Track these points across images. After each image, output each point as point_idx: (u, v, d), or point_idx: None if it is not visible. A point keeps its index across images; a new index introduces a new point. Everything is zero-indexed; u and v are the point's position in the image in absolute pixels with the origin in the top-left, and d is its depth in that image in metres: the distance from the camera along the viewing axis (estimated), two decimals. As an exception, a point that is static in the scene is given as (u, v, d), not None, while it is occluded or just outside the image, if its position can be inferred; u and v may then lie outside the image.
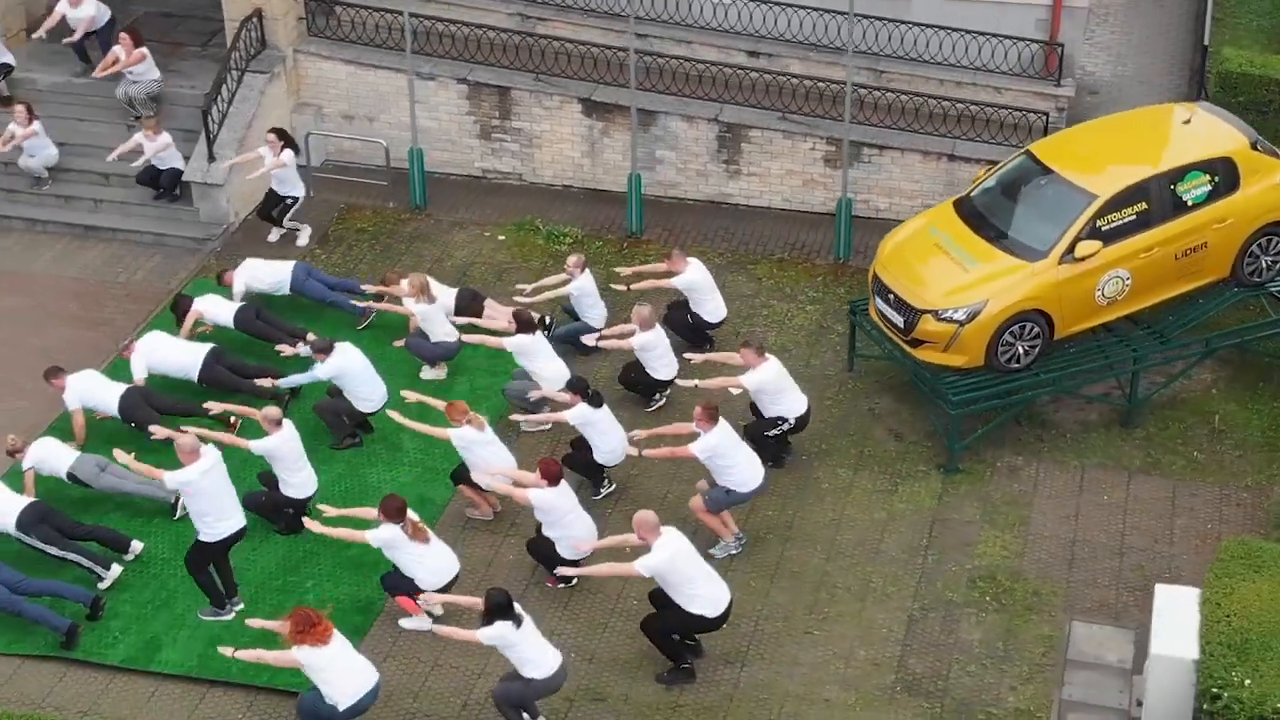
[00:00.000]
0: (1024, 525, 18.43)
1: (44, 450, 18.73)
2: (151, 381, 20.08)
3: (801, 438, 19.29)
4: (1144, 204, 19.12)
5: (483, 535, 18.45)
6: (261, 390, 19.88)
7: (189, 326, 20.88)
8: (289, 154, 23.02)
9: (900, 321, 19.43)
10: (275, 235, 23.54)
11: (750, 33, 24.21)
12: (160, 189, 23.89)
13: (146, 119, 23.83)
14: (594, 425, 18.48)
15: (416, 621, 17.10)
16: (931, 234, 19.87)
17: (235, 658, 15.56)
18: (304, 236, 23.57)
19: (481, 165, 24.98)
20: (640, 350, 19.83)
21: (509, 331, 19.79)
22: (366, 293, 21.55)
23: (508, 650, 15.49)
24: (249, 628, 16.06)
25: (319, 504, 17.94)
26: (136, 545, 18.17)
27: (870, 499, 18.85)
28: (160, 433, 18.32)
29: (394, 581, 17.06)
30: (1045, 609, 17.35)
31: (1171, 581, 16.59)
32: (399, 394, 19.33)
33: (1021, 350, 19.14)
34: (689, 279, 20.69)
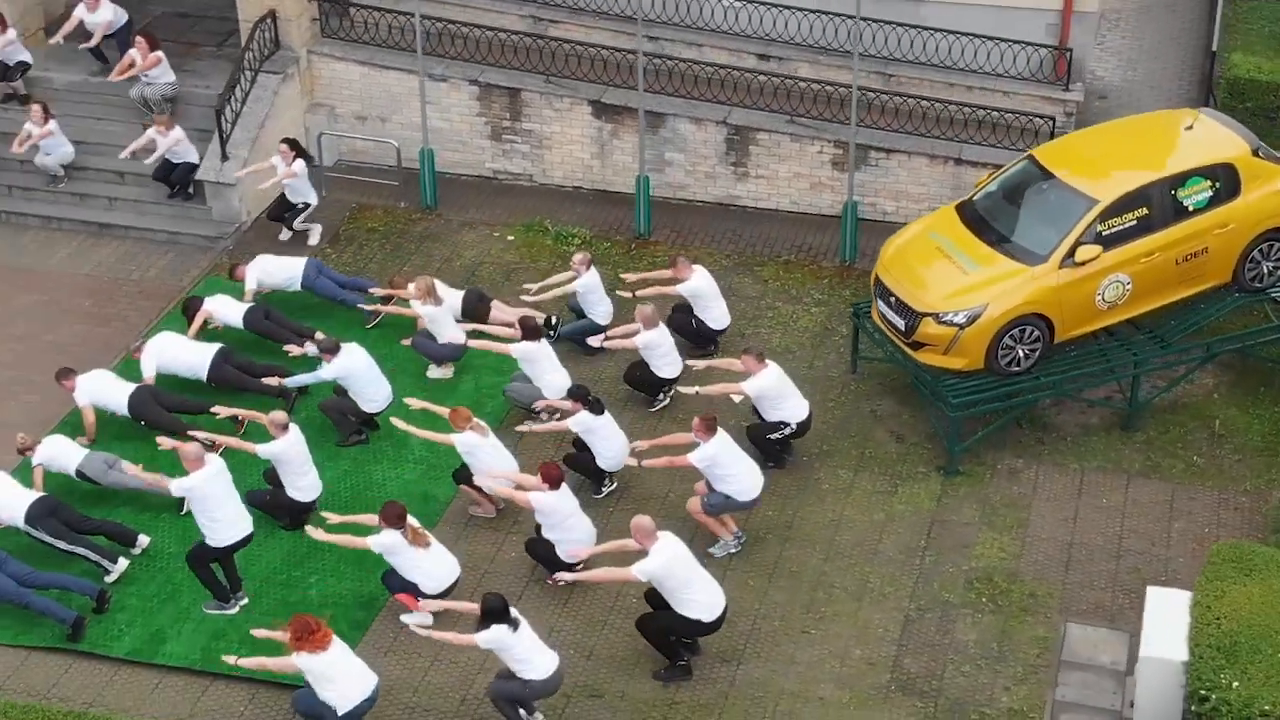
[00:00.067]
0: (1022, 527, 18.51)
1: (53, 448, 18.92)
2: (161, 381, 20.25)
3: (803, 439, 19.42)
4: (1145, 209, 19.17)
5: (485, 533, 18.61)
6: (269, 389, 20.07)
7: (198, 326, 21.08)
8: (300, 164, 23.20)
9: (901, 324, 19.52)
10: (286, 234, 23.70)
11: (760, 36, 24.31)
12: (173, 186, 24.10)
13: (158, 115, 24.03)
14: (596, 432, 18.60)
15: (418, 617, 17.24)
16: (933, 238, 19.93)
17: (238, 666, 15.96)
18: (315, 235, 23.72)
19: (492, 166, 25.14)
20: (644, 349, 19.95)
21: (514, 338, 19.95)
22: (374, 295, 21.73)
23: (505, 653, 15.66)
24: (252, 634, 16.34)
25: (323, 511, 18.06)
26: (143, 539, 18.36)
27: (870, 500, 18.95)
28: (167, 444, 18.51)
29: (395, 579, 17.23)
30: (1041, 610, 17.43)
31: (1167, 585, 16.64)
32: (404, 399, 19.46)
33: (1022, 354, 19.21)
34: (694, 286, 20.78)
